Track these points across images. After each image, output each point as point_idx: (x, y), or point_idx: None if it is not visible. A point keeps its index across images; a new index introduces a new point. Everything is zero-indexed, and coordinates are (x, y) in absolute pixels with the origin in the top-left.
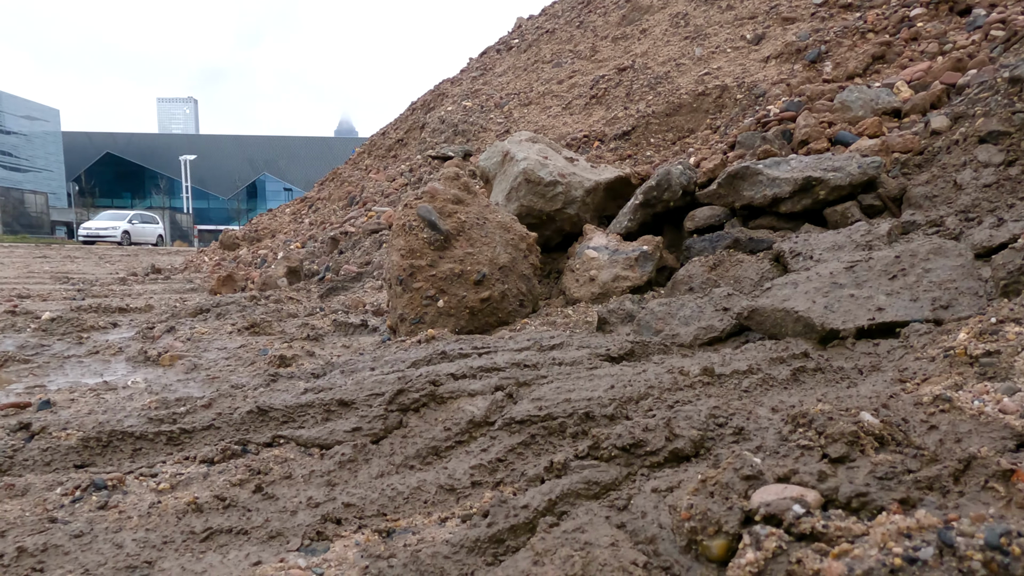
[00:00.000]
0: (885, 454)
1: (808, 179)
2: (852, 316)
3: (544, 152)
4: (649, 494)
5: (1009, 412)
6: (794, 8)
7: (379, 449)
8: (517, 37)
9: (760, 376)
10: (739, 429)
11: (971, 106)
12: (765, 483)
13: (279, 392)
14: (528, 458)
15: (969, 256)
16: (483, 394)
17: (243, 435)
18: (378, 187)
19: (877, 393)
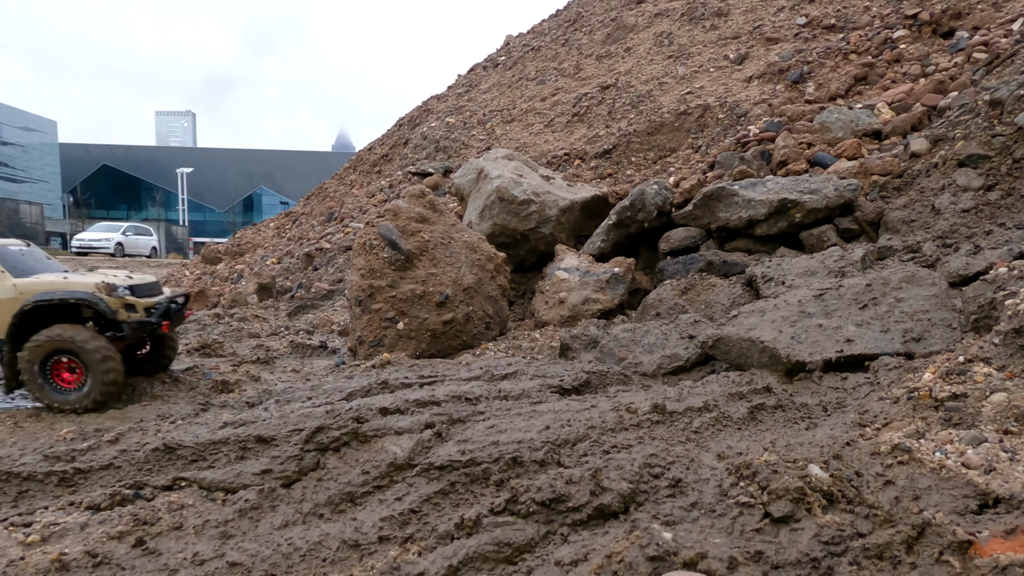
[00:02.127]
0: (834, 514)
1: (784, 201)
2: (820, 348)
3: (519, 170)
4: (552, 567)
5: (972, 467)
6: (777, 28)
7: (289, 494)
8: (504, 54)
9: (715, 415)
10: (676, 481)
11: (951, 129)
12: (672, 566)
13: (198, 425)
14: (444, 509)
15: (943, 285)
16: (411, 432)
17: (142, 476)
18: (357, 203)
19: (834, 439)
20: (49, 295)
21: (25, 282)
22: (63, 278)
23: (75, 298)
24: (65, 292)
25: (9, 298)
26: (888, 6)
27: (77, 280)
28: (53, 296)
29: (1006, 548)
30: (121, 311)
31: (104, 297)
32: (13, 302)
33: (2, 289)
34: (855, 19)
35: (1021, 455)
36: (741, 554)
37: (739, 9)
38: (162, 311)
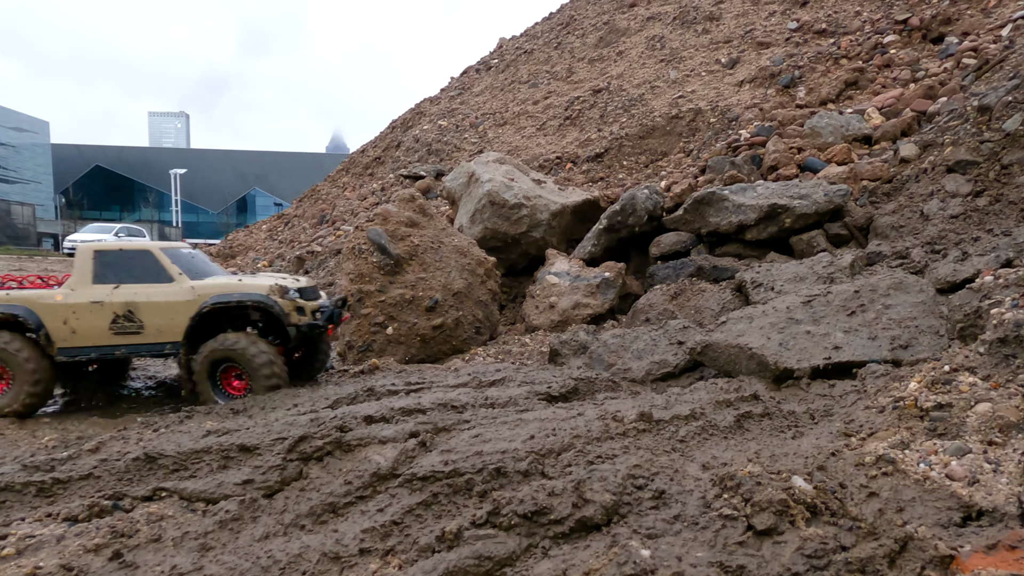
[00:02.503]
0: (817, 526)
1: (774, 206)
2: (808, 355)
3: (511, 174)
4: None
5: (956, 478)
6: (769, 33)
7: (271, 505)
8: (497, 57)
9: (701, 423)
10: (660, 493)
11: (940, 134)
12: None
13: (180, 434)
14: (427, 520)
15: (931, 292)
16: (395, 441)
17: (122, 487)
18: (349, 206)
19: (819, 449)
20: (226, 297)
21: (202, 284)
22: (238, 280)
23: (252, 300)
24: (241, 294)
25: (188, 300)
26: (879, 11)
27: (251, 282)
28: (230, 298)
29: (987, 564)
30: (292, 314)
31: (277, 300)
32: (191, 304)
33: (181, 291)
34: (846, 24)
35: (1005, 466)
36: (719, 569)
37: (731, 13)
38: (328, 314)
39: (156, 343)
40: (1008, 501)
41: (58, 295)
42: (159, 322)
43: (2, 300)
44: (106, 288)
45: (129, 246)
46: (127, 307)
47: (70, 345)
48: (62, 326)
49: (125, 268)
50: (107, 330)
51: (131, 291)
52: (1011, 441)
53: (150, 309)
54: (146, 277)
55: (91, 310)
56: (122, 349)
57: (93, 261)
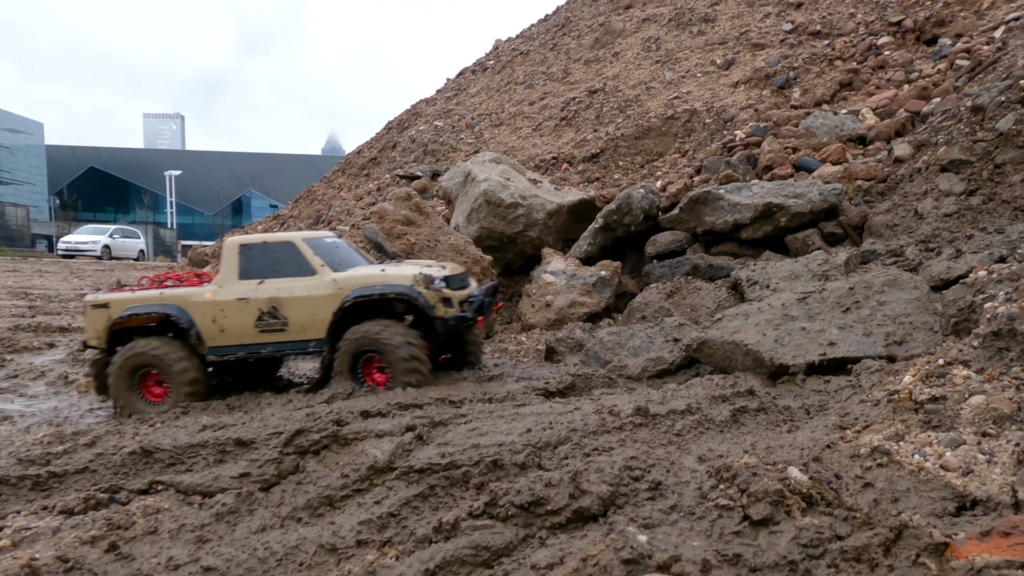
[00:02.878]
0: (812, 516)
1: (769, 205)
2: (803, 351)
3: (507, 173)
4: (528, 570)
5: (951, 469)
6: (764, 34)
7: (268, 498)
8: (493, 59)
9: (697, 417)
10: (656, 484)
11: (934, 134)
12: (646, 569)
13: (177, 428)
14: (424, 512)
15: (925, 289)
16: (392, 435)
17: (118, 480)
18: (344, 206)
19: (814, 441)
20: (368, 290)
21: (344, 276)
22: (380, 271)
23: (395, 293)
24: (384, 286)
25: (329, 294)
26: (873, 13)
27: (394, 273)
28: (372, 291)
29: (981, 550)
30: (439, 306)
31: (422, 291)
32: (333, 298)
33: (322, 284)
34: (840, 26)
35: (998, 457)
36: (715, 557)
37: (726, 15)
38: (476, 305)
39: (300, 340)
40: (1002, 491)
41: (207, 292)
42: (302, 318)
43: (156, 299)
44: (251, 284)
45: (273, 238)
46: (271, 303)
47: (219, 344)
48: (211, 324)
49: (269, 262)
50: (253, 328)
51: (275, 286)
52: (1005, 433)
53: (293, 304)
54: (289, 270)
55: (237, 307)
56: (268, 347)
57: (239, 255)
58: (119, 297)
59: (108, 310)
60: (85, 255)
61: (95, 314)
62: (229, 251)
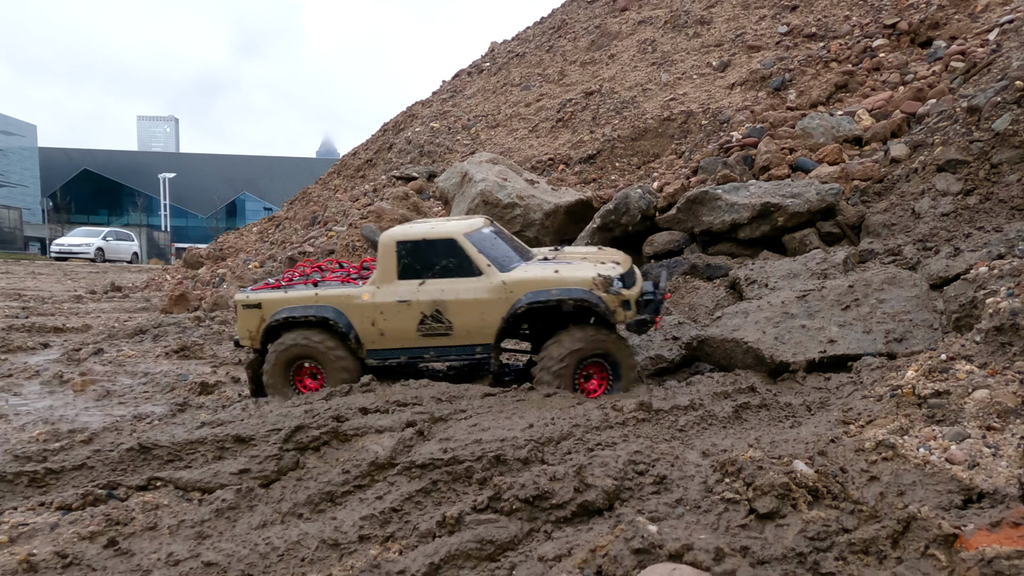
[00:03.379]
0: (819, 510)
1: (767, 205)
2: (803, 348)
3: (504, 174)
4: (535, 563)
5: (956, 462)
6: (759, 37)
7: (268, 494)
8: (489, 60)
9: (700, 413)
10: (661, 478)
11: (930, 135)
12: (657, 558)
13: (175, 425)
14: (427, 507)
15: (924, 287)
16: (392, 431)
17: (116, 476)
18: (341, 207)
19: (818, 436)
20: (543, 295)
21: (514, 279)
22: (554, 271)
23: (573, 299)
24: (561, 291)
25: (499, 298)
26: (867, 16)
27: (570, 274)
28: (548, 296)
29: (992, 541)
30: (619, 311)
31: (602, 295)
32: (503, 303)
33: (491, 287)
34: (835, 28)
35: (1004, 450)
36: (727, 546)
37: (721, 17)
38: (655, 305)
39: (466, 345)
40: (1009, 483)
41: (365, 294)
42: (469, 323)
43: (312, 301)
44: (411, 285)
45: (433, 234)
46: (434, 306)
47: (379, 347)
48: (371, 328)
49: (430, 260)
50: (415, 332)
51: (438, 288)
52: (1009, 426)
53: (458, 308)
54: (452, 270)
55: (398, 310)
56: (431, 352)
57: (397, 253)
58: (272, 297)
59: (261, 311)
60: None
61: (247, 315)
62: (387, 248)
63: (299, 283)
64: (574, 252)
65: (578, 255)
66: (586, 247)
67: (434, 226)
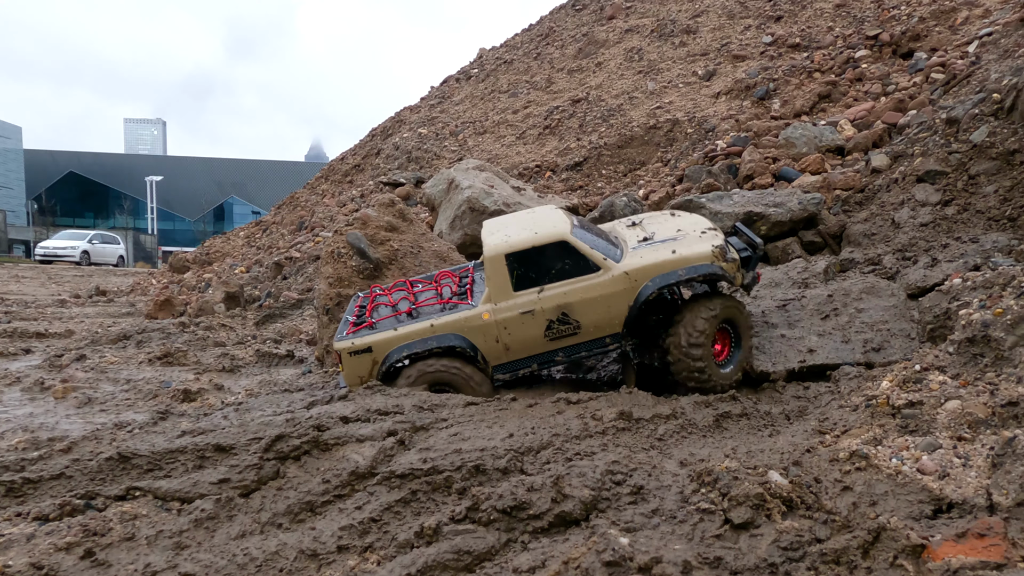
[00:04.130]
0: (793, 520)
1: (750, 214)
2: (783, 358)
3: (490, 181)
4: (510, 574)
5: (927, 472)
6: (744, 47)
7: (248, 504)
8: (477, 67)
9: (680, 422)
10: (638, 488)
11: (910, 145)
12: (628, 571)
13: (155, 434)
14: (406, 517)
15: (902, 296)
16: (373, 440)
17: (95, 486)
18: (328, 212)
19: (794, 446)
20: (671, 277)
21: (636, 267)
22: (672, 252)
23: (700, 275)
24: (688, 269)
25: (624, 288)
26: (850, 27)
27: (689, 252)
28: (676, 278)
29: (957, 551)
30: (738, 276)
31: (723, 265)
32: (629, 292)
33: (614, 280)
34: (819, 39)
35: (974, 461)
36: (696, 559)
37: (707, 27)
38: (755, 261)
39: (596, 339)
40: (977, 493)
41: (484, 314)
42: (597, 319)
43: (429, 332)
44: (530, 294)
45: (541, 240)
46: (559, 310)
47: (505, 361)
48: (495, 344)
49: (544, 266)
50: (542, 338)
51: (560, 291)
52: (980, 437)
53: (585, 307)
54: (569, 272)
55: (522, 322)
56: (560, 353)
57: (507, 267)
58: (381, 338)
59: (372, 354)
60: (64, 261)
61: (356, 361)
62: (495, 263)
63: (388, 317)
64: (651, 220)
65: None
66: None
67: (537, 231)
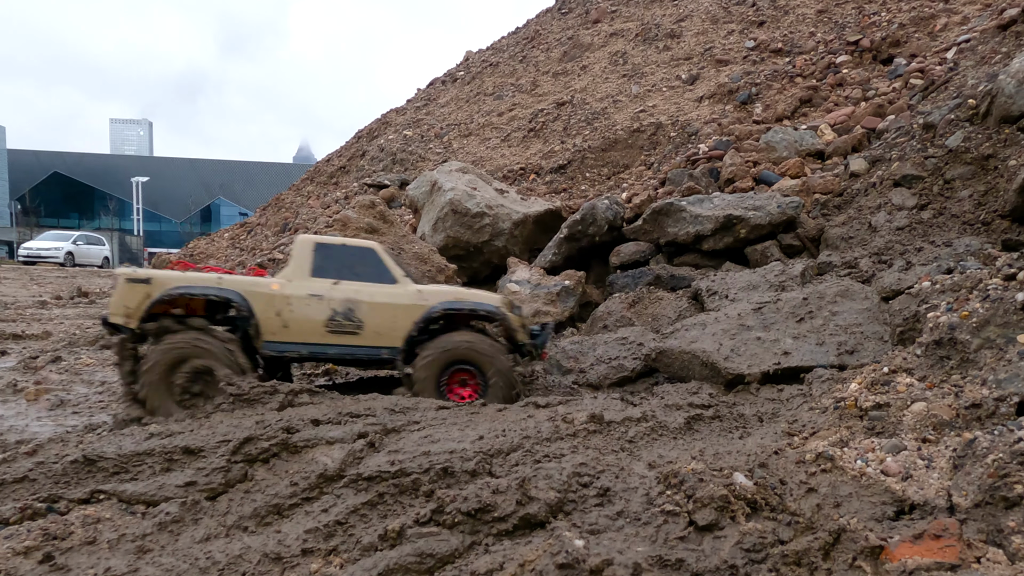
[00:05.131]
0: (756, 521)
1: (729, 217)
2: (758, 360)
3: (473, 183)
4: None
5: (891, 474)
6: (727, 51)
7: (214, 507)
8: (463, 69)
9: (651, 424)
10: (604, 490)
11: (888, 150)
12: (580, 573)
13: (123, 436)
14: (372, 520)
15: (876, 299)
16: (343, 442)
17: (58, 490)
18: (312, 214)
19: (762, 448)
20: (459, 304)
21: (429, 289)
22: (465, 289)
23: (485, 310)
24: (474, 303)
25: (413, 303)
26: (832, 33)
27: (480, 292)
28: (463, 306)
29: (914, 552)
30: (520, 331)
31: (508, 314)
32: (417, 308)
33: (406, 294)
34: (801, 44)
35: (937, 463)
36: (648, 561)
37: (691, 32)
38: (544, 337)
39: (373, 347)
40: (938, 495)
41: (274, 284)
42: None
43: (215, 283)
44: (325, 283)
45: (351, 242)
46: (347, 304)
47: (280, 340)
48: (274, 318)
49: (347, 264)
50: (322, 327)
51: (352, 288)
52: (943, 438)
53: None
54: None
55: (307, 303)
56: (335, 350)
57: (313, 253)
58: (164, 275)
59: (148, 287)
60: (47, 262)
61: (129, 291)
62: (303, 248)
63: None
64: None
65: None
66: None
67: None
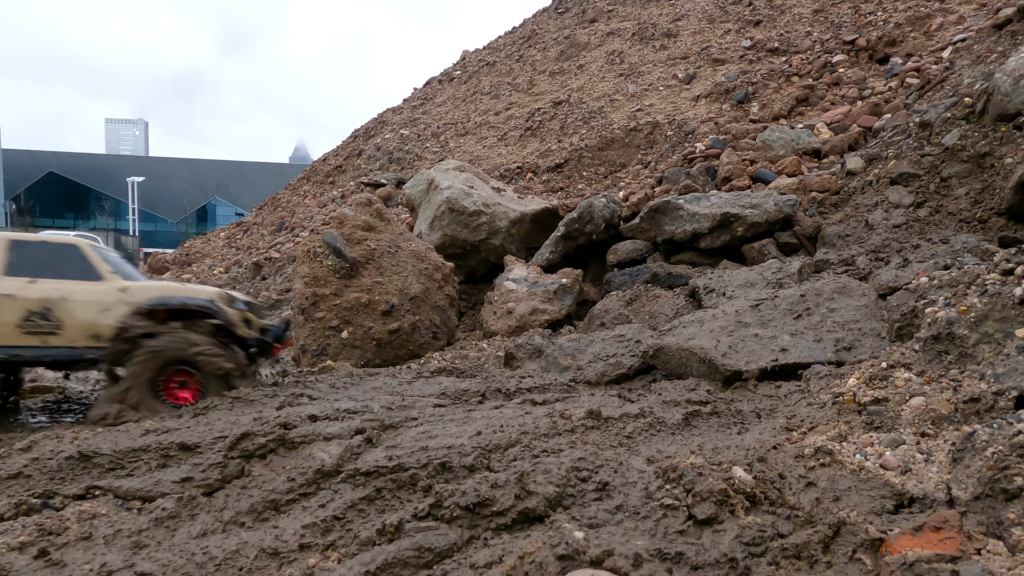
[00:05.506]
0: (756, 515)
1: (727, 215)
2: (756, 357)
3: (470, 181)
4: (467, 570)
5: (890, 468)
6: (724, 50)
7: (211, 503)
8: (460, 69)
9: (649, 420)
10: (603, 484)
11: (885, 149)
12: (580, 565)
13: (119, 433)
14: (369, 515)
15: (873, 296)
16: (340, 438)
17: (54, 486)
18: (308, 213)
19: (761, 443)
20: (166, 300)
21: (137, 285)
22: (181, 283)
23: (196, 304)
24: (185, 297)
25: (118, 300)
26: (828, 32)
27: (195, 286)
28: (171, 301)
29: (914, 545)
30: (240, 325)
31: (223, 308)
32: (123, 304)
33: (110, 290)
34: (797, 43)
35: (936, 456)
36: (648, 552)
37: (688, 31)
38: (277, 332)
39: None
40: (938, 488)
41: None
42: (83, 323)
43: None
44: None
45: (51, 238)
46: (44, 304)
47: None
48: None
49: (46, 262)
50: (15, 328)
51: (52, 287)
52: (942, 433)
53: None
54: (71, 274)
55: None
56: (33, 351)
57: (8, 251)
58: None
59: None
60: None
61: None
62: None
63: None
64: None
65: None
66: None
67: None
